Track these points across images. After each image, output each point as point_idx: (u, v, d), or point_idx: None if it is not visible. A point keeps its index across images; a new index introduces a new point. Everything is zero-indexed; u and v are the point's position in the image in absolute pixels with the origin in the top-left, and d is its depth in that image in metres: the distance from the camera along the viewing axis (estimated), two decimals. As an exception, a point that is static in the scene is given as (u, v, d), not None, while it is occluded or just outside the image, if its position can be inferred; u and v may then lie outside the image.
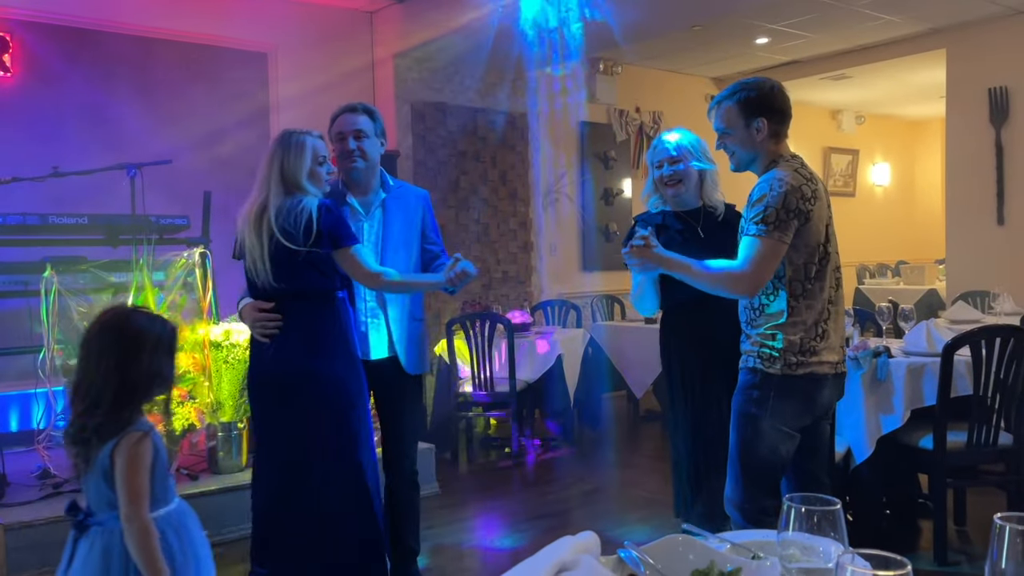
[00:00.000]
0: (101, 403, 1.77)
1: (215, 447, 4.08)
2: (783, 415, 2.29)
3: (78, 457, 1.80)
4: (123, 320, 1.87)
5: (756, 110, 2.31)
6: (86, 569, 1.75)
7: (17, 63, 4.94)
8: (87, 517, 1.80)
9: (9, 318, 4.19)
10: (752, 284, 2.24)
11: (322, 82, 5.96)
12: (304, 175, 2.62)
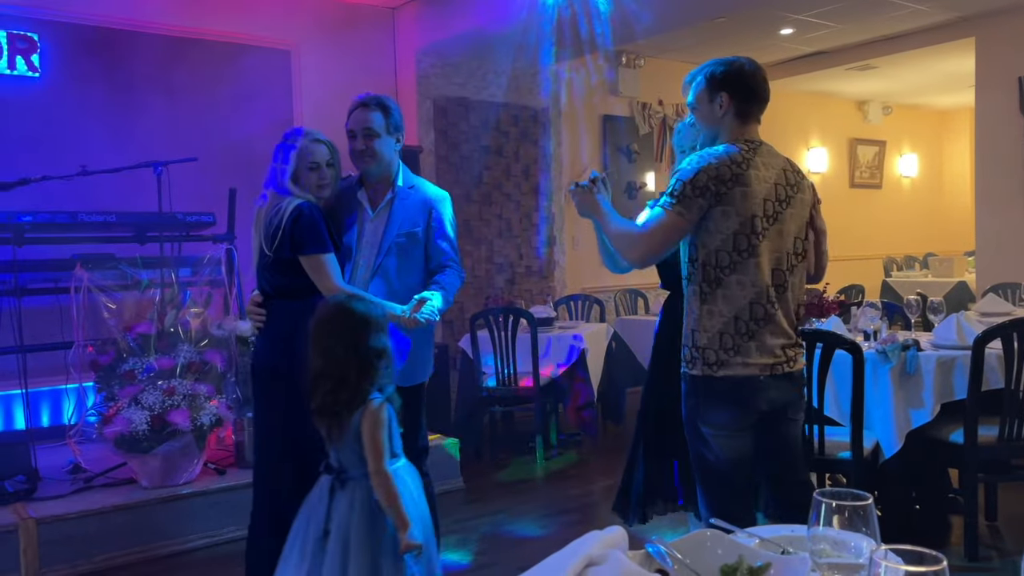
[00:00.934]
0: (347, 381, 2.15)
1: (242, 442, 4.11)
2: (715, 419, 2.21)
3: (330, 428, 2.17)
4: (350, 309, 2.22)
5: (720, 85, 2.26)
6: (351, 513, 2.13)
7: (45, 63, 5.00)
8: (342, 474, 2.17)
9: (40, 315, 4.24)
10: (642, 250, 2.22)
11: (344, 79, 5.98)
12: (288, 179, 2.67)
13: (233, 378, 4.09)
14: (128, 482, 3.84)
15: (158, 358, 3.83)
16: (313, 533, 2.15)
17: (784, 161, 2.31)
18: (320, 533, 2.14)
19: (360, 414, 2.15)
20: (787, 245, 2.24)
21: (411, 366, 2.80)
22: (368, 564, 2.09)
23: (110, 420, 3.67)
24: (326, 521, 2.14)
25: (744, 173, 2.17)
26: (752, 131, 2.29)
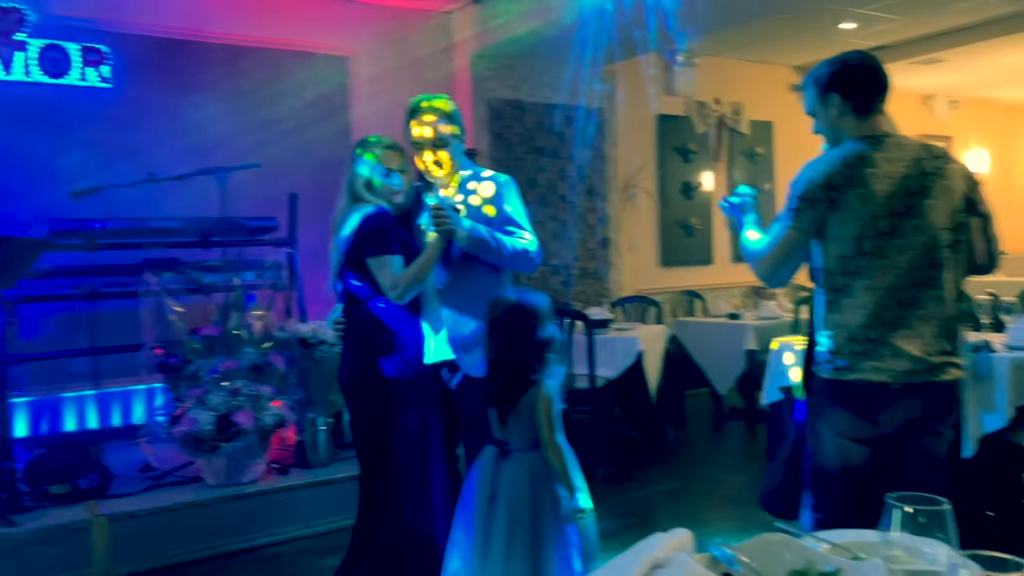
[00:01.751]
0: (523, 369, 2.39)
1: (303, 442, 4.19)
2: (835, 423, 2.12)
3: (503, 409, 2.40)
4: (526, 302, 2.43)
5: (828, 87, 2.20)
6: (516, 482, 2.36)
7: (115, 74, 5.16)
8: (506, 447, 2.41)
9: (111, 318, 4.39)
10: (765, 267, 2.20)
11: (401, 83, 6.04)
12: (362, 185, 2.76)
13: (295, 379, 4.16)
14: (195, 481, 3.94)
15: (222, 360, 3.92)
16: (481, 499, 2.40)
17: (919, 149, 2.15)
18: (488, 498, 2.38)
19: (534, 395, 2.39)
20: (929, 239, 2.09)
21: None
22: (531, 527, 2.33)
23: (177, 420, 3.77)
24: (492, 488, 2.39)
25: (860, 174, 2.07)
26: (876, 124, 2.18)
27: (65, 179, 4.54)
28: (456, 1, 6.14)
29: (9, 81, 4.85)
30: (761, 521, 3.71)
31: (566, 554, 2.33)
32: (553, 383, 2.43)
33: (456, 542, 2.44)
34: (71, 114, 5.02)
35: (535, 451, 2.40)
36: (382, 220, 2.71)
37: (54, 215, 4.21)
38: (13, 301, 4.17)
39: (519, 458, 2.41)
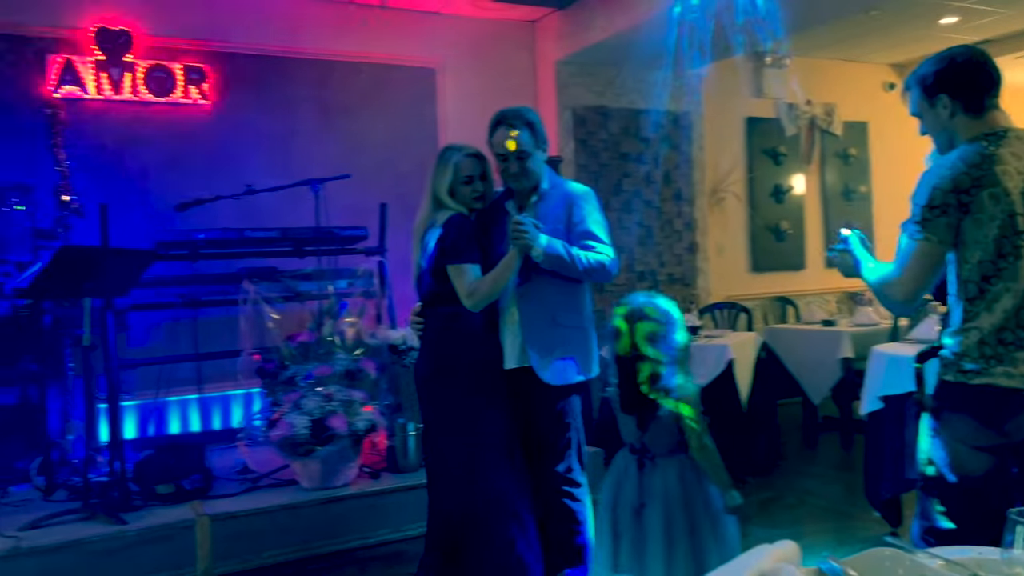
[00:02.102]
0: (660, 373, 2.44)
1: (394, 447, 4.26)
2: (957, 428, 2.01)
3: (642, 415, 2.46)
4: (660, 309, 2.48)
5: (936, 88, 2.08)
6: (666, 487, 2.41)
7: (213, 91, 5.39)
8: (647, 453, 2.46)
9: (211, 325, 4.57)
10: (905, 289, 2.05)
11: (486, 93, 6.10)
12: (445, 192, 2.82)
13: (385, 385, 4.24)
14: (291, 483, 4.05)
15: (317, 365, 4.03)
16: (626, 507, 2.44)
17: None
18: (636, 506, 2.42)
19: (674, 401, 2.43)
20: None
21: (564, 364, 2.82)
22: (688, 528, 2.38)
23: (274, 424, 3.89)
24: (639, 495, 2.43)
25: (989, 173, 1.97)
26: (992, 120, 2.06)
27: (170, 192, 4.76)
28: (540, 10, 6.17)
29: (119, 100, 5.11)
30: (861, 534, 3.59)
31: (726, 551, 2.37)
32: (693, 387, 2.48)
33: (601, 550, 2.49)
34: (175, 130, 5.27)
35: (681, 454, 2.44)
36: (462, 227, 2.78)
37: (161, 227, 4.42)
38: (123, 310, 4.40)
39: (665, 463, 2.45)
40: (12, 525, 3.52)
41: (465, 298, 2.74)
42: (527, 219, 2.70)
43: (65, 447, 4.42)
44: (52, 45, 4.96)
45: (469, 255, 2.75)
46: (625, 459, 2.52)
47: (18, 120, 4.85)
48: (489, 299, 2.76)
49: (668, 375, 2.45)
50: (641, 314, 2.46)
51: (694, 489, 2.43)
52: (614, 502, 2.49)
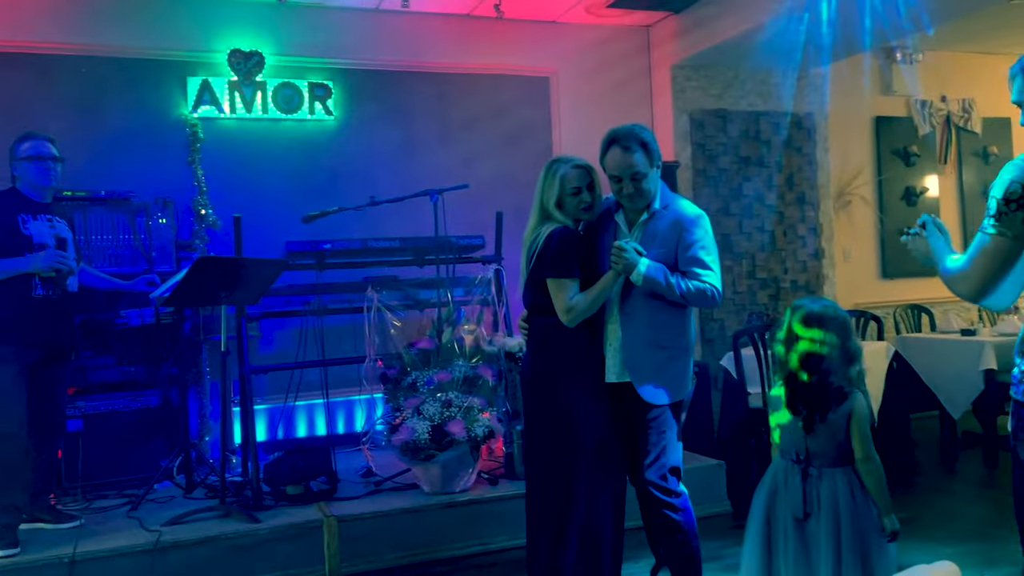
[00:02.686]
0: (834, 374, 2.43)
1: (512, 454, 4.28)
2: None
3: (809, 418, 2.43)
4: (835, 314, 2.49)
5: None
6: (835, 498, 2.38)
7: (338, 106, 5.59)
8: (812, 462, 2.44)
9: (336, 332, 4.73)
10: (971, 284, 1.97)
11: (600, 99, 6.09)
12: (552, 204, 2.84)
13: (503, 392, 4.27)
14: (412, 487, 4.13)
15: (437, 372, 4.10)
16: (786, 519, 2.41)
17: None
18: (799, 517, 2.39)
19: (848, 408, 2.41)
20: None
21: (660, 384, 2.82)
22: (859, 544, 2.34)
23: (396, 429, 3.98)
24: (804, 506, 2.40)
25: None
26: None
27: (297, 204, 4.97)
28: (656, 15, 6.10)
29: (250, 118, 5.38)
30: (1014, 557, 3.33)
31: (888, 570, 2.34)
32: (865, 398, 2.45)
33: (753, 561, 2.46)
34: (301, 145, 5.50)
35: (847, 466, 2.41)
36: (566, 240, 2.79)
37: (290, 238, 4.62)
38: (256, 317, 4.61)
39: (833, 473, 2.41)
40: (156, 520, 3.74)
41: (562, 313, 2.80)
42: (629, 244, 2.75)
43: (202, 447, 4.67)
44: (192, 68, 5.27)
45: (568, 270, 2.79)
46: (784, 469, 2.49)
47: (161, 139, 5.17)
48: (585, 316, 2.81)
49: (840, 379, 2.43)
50: (818, 317, 2.45)
51: (862, 502, 2.39)
52: (768, 514, 2.46)
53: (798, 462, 2.46)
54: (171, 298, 3.83)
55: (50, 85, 4.98)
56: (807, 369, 2.43)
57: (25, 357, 3.49)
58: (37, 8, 4.94)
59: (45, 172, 3.64)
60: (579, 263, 2.80)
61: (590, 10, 5.87)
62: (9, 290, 3.49)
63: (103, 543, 3.50)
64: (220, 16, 5.30)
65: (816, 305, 2.52)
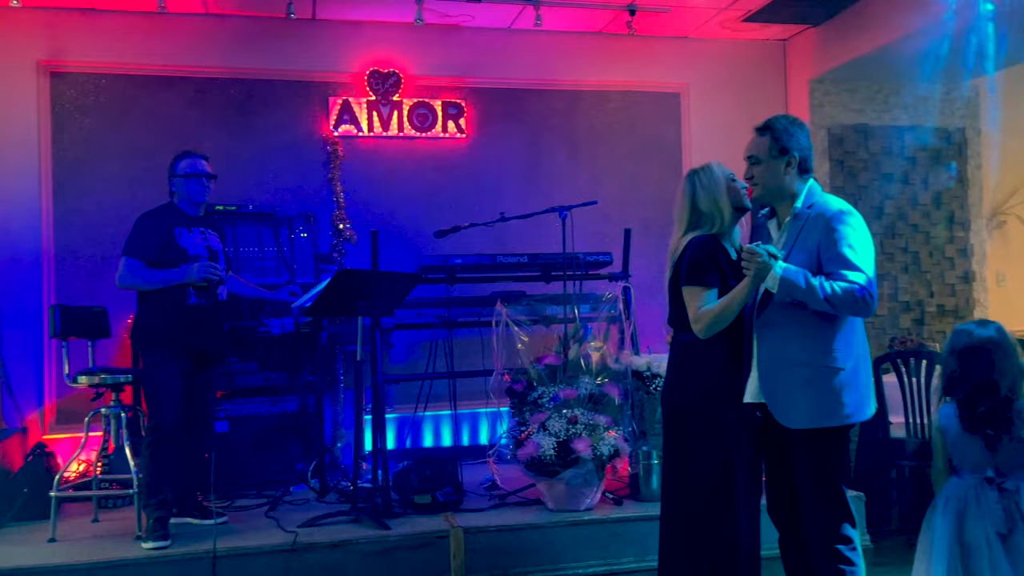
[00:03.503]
0: (1013, 391, 2.56)
1: (637, 475, 4.21)
2: None
3: (992, 435, 2.55)
4: (1001, 329, 2.66)
5: None
6: None
7: (470, 125, 5.71)
8: (1003, 478, 2.54)
9: (465, 345, 4.80)
10: None
11: (733, 115, 5.94)
12: (707, 202, 2.80)
13: (629, 411, 4.21)
14: (536, 503, 4.13)
15: (563, 388, 4.09)
16: (991, 534, 2.46)
17: None
18: (1003, 531, 2.45)
19: None
20: None
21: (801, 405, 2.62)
22: None
23: (522, 443, 3.99)
24: (1004, 522, 2.46)
25: None
26: None
27: (430, 220, 5.10)
28: (793, 28, 5.92)
29: (387, 137, 5.57)
30: None
31: None
32: None
33: None
34: (434, 163, 5.65)
35: None
36: (702, 247, 2.73)
37: (422, 252, 4.74)
38: (389, 328, 4.75)
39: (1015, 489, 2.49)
40: (292, 521, 3.89)
41: (693, 324, 2.69)
42: (761, 247, 2.55)
43: (336, 453, 4.84)
44: (333, 88, 5.51)
45: (702, 278, 2.69)
46: (970, 487, 2.53)
47: (304, 157, 5.44)
48: (716, 327, 2.66)
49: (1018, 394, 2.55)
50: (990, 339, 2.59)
51: None
52: (959, 536, 2.46)
53: (990, 479, 2.51)
54: (312, 308, 3.99)
55: (203, 106, 5.33)
56: (986, 389, 2.53)
57: (180, 362, 3.71)
58: (192, 35, 5.30)
59: (201, 188, 3.88)
60: (719, 272, 2.70)
61: (725, 25, 5.77)
62: (166, 299, 3.72)
63: (244, 540, 3.67)
64: (360, 38, 5.53)
65: (974, 326, 2.63)
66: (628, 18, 5.42)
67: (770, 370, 2.65)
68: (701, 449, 2.75)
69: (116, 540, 3.76)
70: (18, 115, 5.04)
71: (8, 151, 4.96)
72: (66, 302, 4.61)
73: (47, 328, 4.79)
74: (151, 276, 3.71)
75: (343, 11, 5.39)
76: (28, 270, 5.00)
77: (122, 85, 5.24)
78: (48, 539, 3.76)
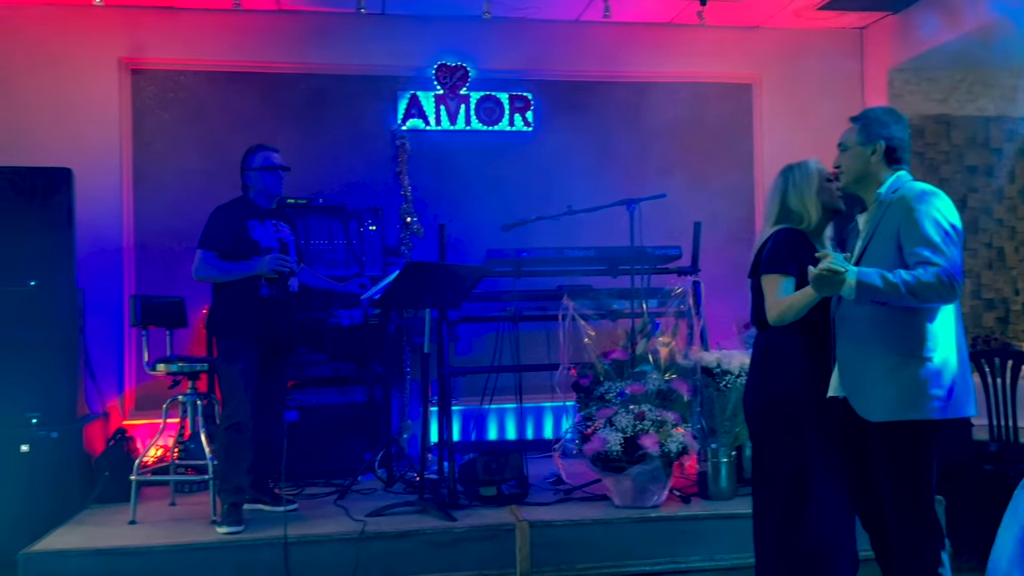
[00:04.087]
0: None
1: (705, 473, 4.14)
2: None
3: None
4: None
5: None
6: None
7: (536, 118, 5.69)
8: None
9: (530, 338, 4.79)
10: None
11: (806, 106, 5.80)
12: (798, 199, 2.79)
13: (698, 408, 4.14)
14: (602, 498, 4.10)
15: (630, 383, 4.04)
16: None
17: None
18: None
19: None
20: None
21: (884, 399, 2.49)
22: None
23: (588, 438, 3.96)
24: None
25: None
26: None
27: (496, 213, 5.10)
28: (871, 15, 5.73)
29: (454, 131, 5.59)
30: None
31: None
32: None
33: None
34: (501, 156, 5.65)
35: None
36: (786, 238, 2.73)
37: (488, 245, 4.74)
38: (455, 321, 4.77)
39: None
40: (360, 510, 3.94)
41: (767, 311, 2.69)
42: (838, 260, 2.38)
43: (402, 444, 4.89)
44: (401, 83, 5.56)
45: (781, 266, 2.68)
46: None
47: (372, 150, 5.50)
48: (784, 319, 2.64)
49: None
50: None
51: None
52: None
53: None
54: (381, 300, 4.03)
55: (275, 101, 5.43)
56: None
57: (252, 352, 3.79)
58: (265, 31, 5.40)
59: (274, 181, 3.95)
60: (799, 263, 2.64)
61: (799, 13, 5.61)
62: (239, 290, 3.81)
63: (314, 528, 3.73)
64: (428, 33, 5.56)
65: None
66: (698, 8, 5.31)
67: (850, 360, 2.57)
68: (779, 449, 2.73)
69: (192, 524, 3.87)
70: (101, 112, 5.22)
71: (93, 148, 5.13)
72: (145, 292, 4.76)
73: (128, 317, 4.95)
74: (225, 268, 3.80)
75: (412, 6, 5.42)
76: (111, 261, 5.18)
77: (198, 81, 5.37)
78: (128, 521, 3.89)
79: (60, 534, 3.77)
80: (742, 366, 4.07)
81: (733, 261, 5.82)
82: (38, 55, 5.14)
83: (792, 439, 2.68)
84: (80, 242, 4.65)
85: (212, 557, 3.58)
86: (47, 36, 5.15)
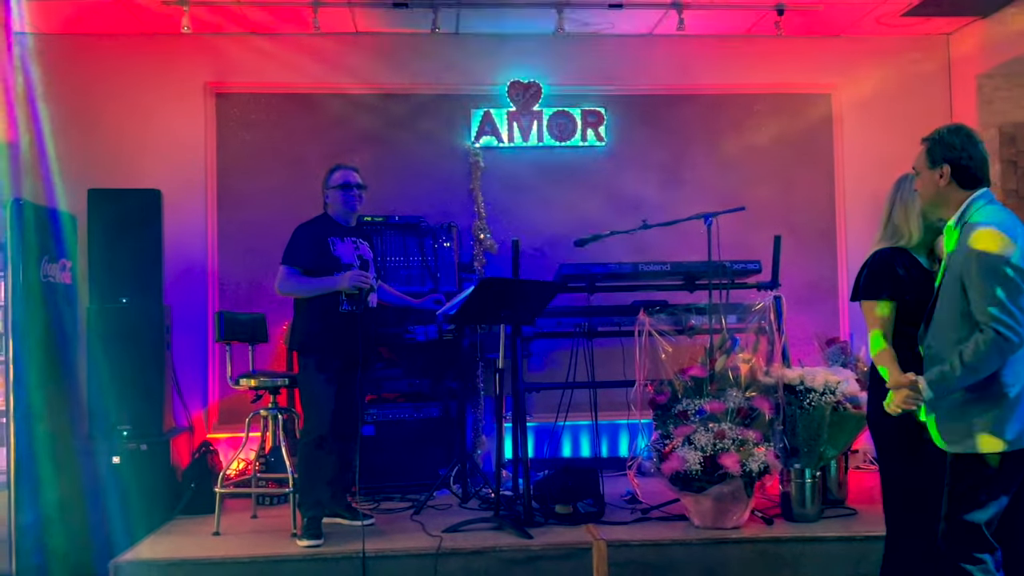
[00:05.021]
0: None
1: (788, 493, 4.02)
2: None
3: None
4: None
5: None
6: None
7: (609, 132, 5.66)
8: None
9: (605, 355, 4.73)
10: None
11: (889, 115, 5.62)
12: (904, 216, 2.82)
13: (780, 427, 4.03)
14: (680, 518, 4.02)
15: (709, 401, 3.96)
16: None
17: None
18: None
19: None
20: None
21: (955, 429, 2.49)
22: None
23: (666, 457, 3.89)
24: None
25: None
26: None
27: (569, 228, 5.08)
28: (958, 20, 5.53)
29: (527, 147, 5.61)
30: None
31: None
32: None
33: None
34: (574, 171, 5.63)
35: None
36: (879, 261, 2.79)
37: (561, 261, 4.72)
38: (529, 337, 4.76)
39: None
40: (436, 526, 3.96)
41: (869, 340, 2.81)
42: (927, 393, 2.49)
43: (476, 460, 4.89)
44: (475, 100, 5.60)
45: (875, 291, 2.76)
46: None
47: (446, 168, 5.56)
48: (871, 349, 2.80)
49: None
50: None
51: None
52: None
53: None
54: (455, 316, 4.06)
55: (351, 120, 5.54)
56: None
57: (332, 366, 3.85)
58: (342, 53, 5.51)
59: (352, 199, 4.02)
60: (892, 284, 2.74)
61: (882, 21, 5.45)
62: (320, 306, 3.88)
63: (392, 543, 3.76)
64: (501, 50, 5.59)
65: None
66: (776, 19, 5.22)
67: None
68: (883, 467, 2.90)
69: (273, 536, 3.95)
70: (188, 135, 5.40)
71: (180, 169, 5.31)
72: (228, 308, 4.89)
73: (211, 332, 5.10)
74: (307, 283, 3.88)
75: (485, 24, 5.47)
76: (196, 278, 5.34)
77: (279, 102, 5.52)
78: (213, 532, 3.99)
79: (149, 544, 3.89)
80: (826, 384, 3.96)
81: (814, 275, 5.71)
82: (130, 82, 5.36)
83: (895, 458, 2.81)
84: (167, 260, 4.82)
85: (292, 570, 3.64)
86: (138, 63, 5.37)
